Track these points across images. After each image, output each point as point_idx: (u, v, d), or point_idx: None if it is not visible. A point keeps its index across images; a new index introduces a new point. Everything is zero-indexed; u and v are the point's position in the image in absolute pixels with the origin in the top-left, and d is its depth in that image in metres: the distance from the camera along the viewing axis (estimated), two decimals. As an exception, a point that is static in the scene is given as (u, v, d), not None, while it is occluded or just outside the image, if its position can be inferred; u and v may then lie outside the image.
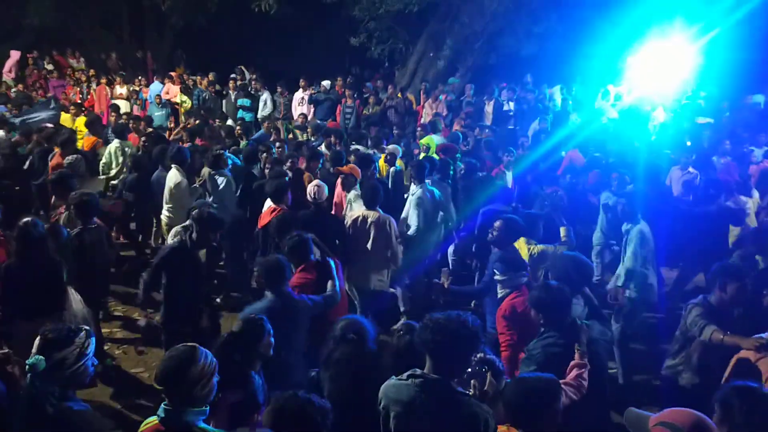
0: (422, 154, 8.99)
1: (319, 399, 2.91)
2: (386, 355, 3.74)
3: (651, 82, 13.49)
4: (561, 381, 3.32)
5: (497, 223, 5.41)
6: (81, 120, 11.74)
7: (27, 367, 2.94)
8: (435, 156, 8.63)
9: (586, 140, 9.96)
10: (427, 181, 7.17)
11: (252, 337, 3.64)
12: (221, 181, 7.60)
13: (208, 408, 2.89)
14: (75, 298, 5.14)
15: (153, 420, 2.85)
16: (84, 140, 10.40)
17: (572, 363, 3.67)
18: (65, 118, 12.39)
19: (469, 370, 3.32)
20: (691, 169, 8.69)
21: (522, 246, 5.56)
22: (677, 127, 11.74)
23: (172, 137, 10.87)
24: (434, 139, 9.92)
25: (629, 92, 13.84)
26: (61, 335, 3.01)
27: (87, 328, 3.17)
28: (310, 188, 6.34)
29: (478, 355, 3.36)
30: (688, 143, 10.63)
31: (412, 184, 7.21)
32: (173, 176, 7.57)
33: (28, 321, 4.48)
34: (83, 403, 3.08)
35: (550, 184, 8.05)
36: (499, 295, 4.80)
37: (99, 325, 6.11)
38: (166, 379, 2.82)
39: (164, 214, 7.63)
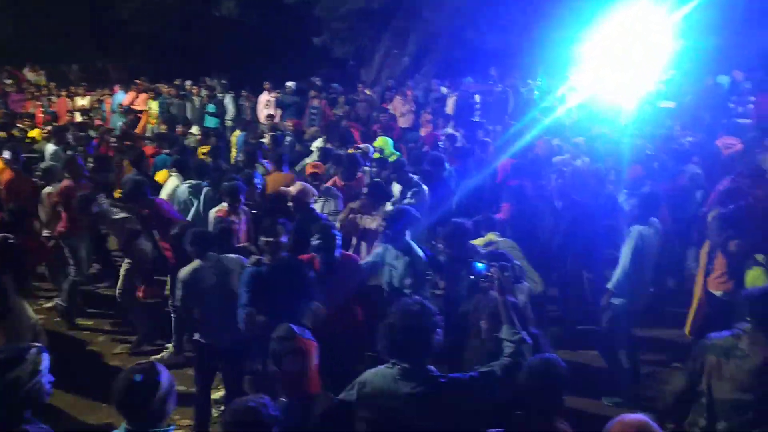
0: (375, 154, 8.80)
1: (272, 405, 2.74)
2: None
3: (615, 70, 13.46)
4: None
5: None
6: (34, 132, 11.52)
7: None
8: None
9: (547, 129, 9.97)
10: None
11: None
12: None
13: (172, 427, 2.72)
14: (26, 309, 5.02)
15: None
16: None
17: None
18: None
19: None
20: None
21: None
22: (640, 113, 11.77)
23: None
24: (389, 141, 9.56)
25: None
26: (12, 354, 2.88)
27: (38, 344, 3.03)
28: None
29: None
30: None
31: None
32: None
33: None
34: (43, 426, 2.93)
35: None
36: None
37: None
38: (128, 402, 2.61)
39: None
